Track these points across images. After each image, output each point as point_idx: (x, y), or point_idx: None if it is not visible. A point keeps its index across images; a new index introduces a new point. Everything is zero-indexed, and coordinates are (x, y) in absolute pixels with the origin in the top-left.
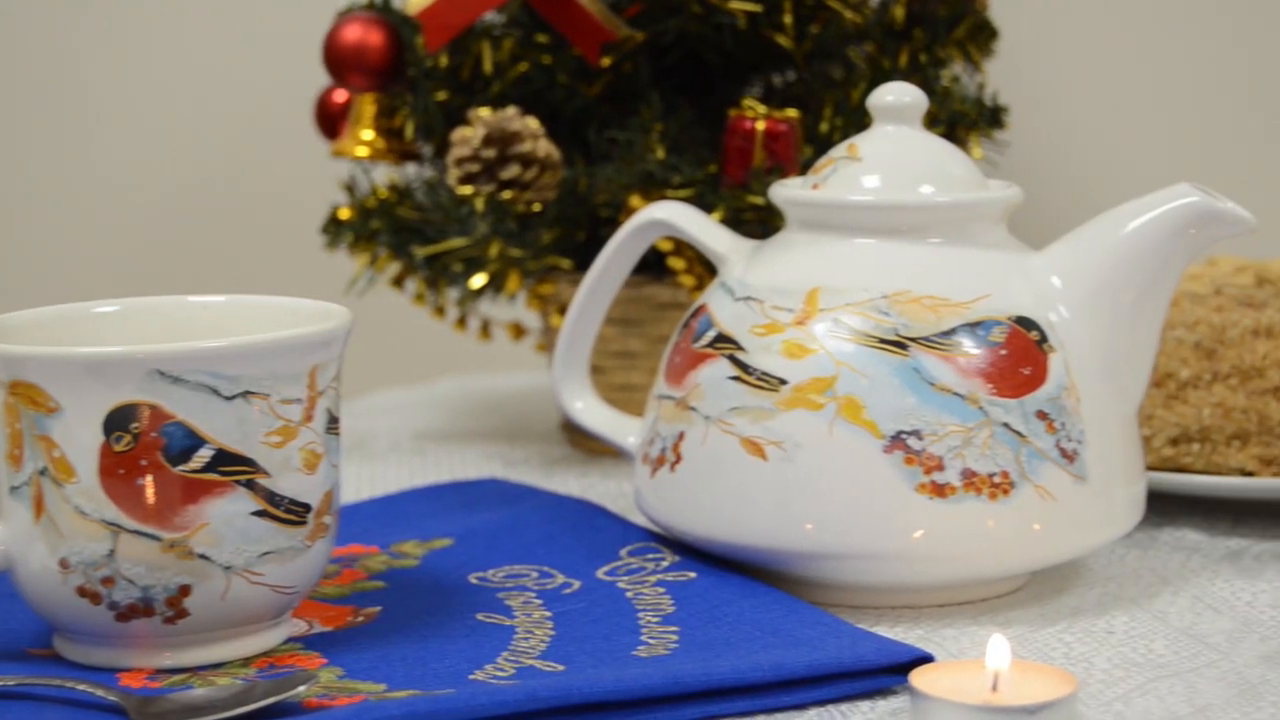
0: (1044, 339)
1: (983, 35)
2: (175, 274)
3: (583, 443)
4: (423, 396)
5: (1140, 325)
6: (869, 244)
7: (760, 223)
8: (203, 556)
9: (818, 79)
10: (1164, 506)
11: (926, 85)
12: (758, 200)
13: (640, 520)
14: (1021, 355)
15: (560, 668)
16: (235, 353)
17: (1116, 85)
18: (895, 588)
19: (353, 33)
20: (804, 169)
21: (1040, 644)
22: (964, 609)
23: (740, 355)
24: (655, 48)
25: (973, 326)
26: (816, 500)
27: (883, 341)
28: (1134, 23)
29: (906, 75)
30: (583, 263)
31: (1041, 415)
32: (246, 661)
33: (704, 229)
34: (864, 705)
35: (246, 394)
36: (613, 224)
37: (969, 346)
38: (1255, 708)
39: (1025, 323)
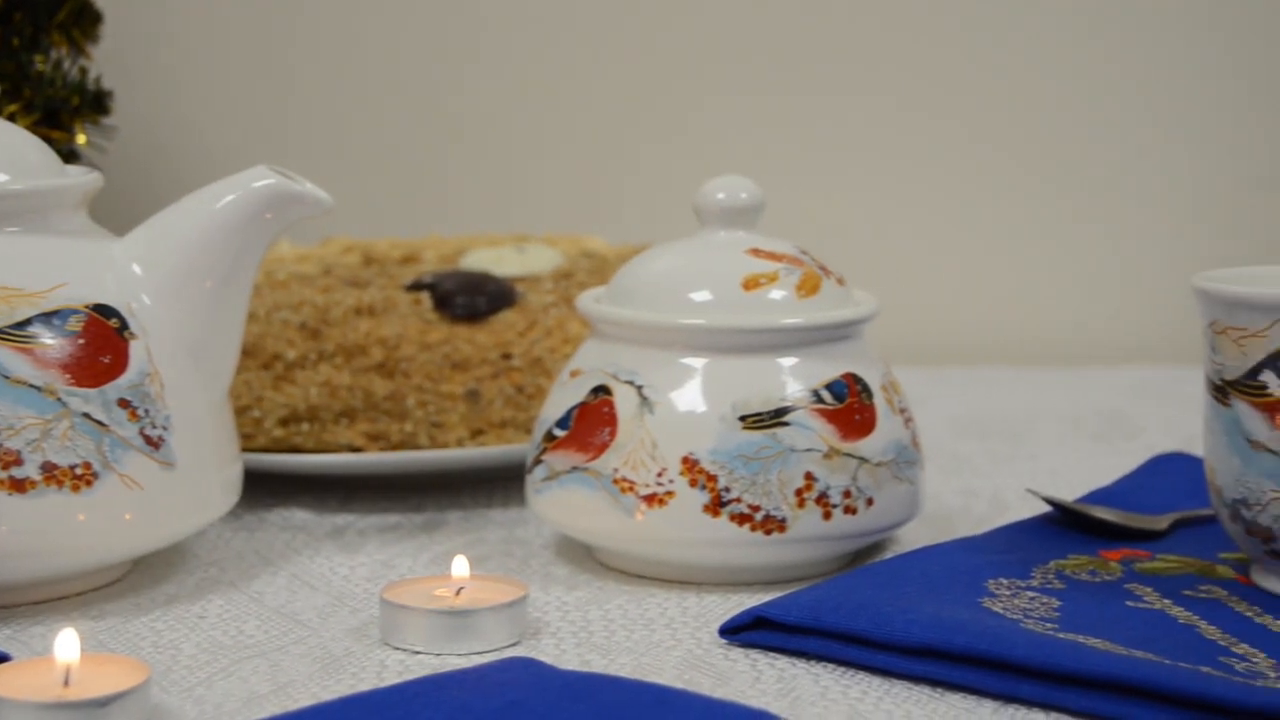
0: (124, 326)
1: (86, 19)
2: None
3: None
4: None
5: (223, 309)
6: None
7: None
8: None
9: None
10: (278, 487)
11: (21, 70)
12: None
13: None
14: (100, 344)
15: None
16: None
17: (213, 73)
18: None
19: None
20: None
21: (131, 634)
22: (59, 605)
23: None
24: None
25: (49, 316)
26: None
27: None
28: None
29: (0, 60)
30: None
31: (123, 403)
32: None
33: None
34: None
35: None
36: None
37: (45, 337)
38: (336, 680)
39: (105, 310)
